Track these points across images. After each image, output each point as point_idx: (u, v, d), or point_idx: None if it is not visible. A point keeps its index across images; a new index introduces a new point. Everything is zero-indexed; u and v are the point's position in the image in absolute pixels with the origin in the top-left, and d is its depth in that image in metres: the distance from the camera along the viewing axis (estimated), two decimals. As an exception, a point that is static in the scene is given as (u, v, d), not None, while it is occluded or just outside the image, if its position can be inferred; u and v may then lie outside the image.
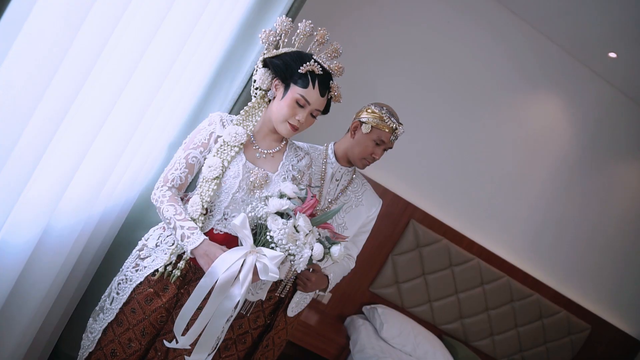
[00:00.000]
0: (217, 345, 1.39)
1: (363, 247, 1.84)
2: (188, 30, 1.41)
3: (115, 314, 1.37)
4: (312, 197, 1.33)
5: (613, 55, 3.20)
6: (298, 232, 1.25)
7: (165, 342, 1.31)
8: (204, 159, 1.39)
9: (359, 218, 1.75)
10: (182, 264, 1.35)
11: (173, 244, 1.38)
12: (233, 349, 1.62)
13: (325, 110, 1.47)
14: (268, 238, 1.24)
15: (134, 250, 1.45)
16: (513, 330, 3.59)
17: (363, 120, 1.65)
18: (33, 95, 0.91)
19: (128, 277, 1.39)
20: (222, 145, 1.36)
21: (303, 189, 1.36)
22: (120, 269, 1.44)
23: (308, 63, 1.34)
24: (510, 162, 3.53)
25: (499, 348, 3.59)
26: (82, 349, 1.42)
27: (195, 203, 1.33)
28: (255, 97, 1.46)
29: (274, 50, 1.39)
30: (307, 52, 1.40)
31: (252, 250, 1.25)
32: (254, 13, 1.81)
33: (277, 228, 1.23)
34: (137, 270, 1.39)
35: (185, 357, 1.33)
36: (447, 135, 3.39)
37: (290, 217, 1.28)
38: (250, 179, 1.37)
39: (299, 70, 1.34)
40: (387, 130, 1.63)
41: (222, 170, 1.34)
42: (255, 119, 1.44)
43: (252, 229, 1.30)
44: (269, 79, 1.43)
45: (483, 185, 3.50)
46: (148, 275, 1.37)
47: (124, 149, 1.42)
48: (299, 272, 1.33)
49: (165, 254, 1.38)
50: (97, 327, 1.39)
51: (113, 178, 1.48)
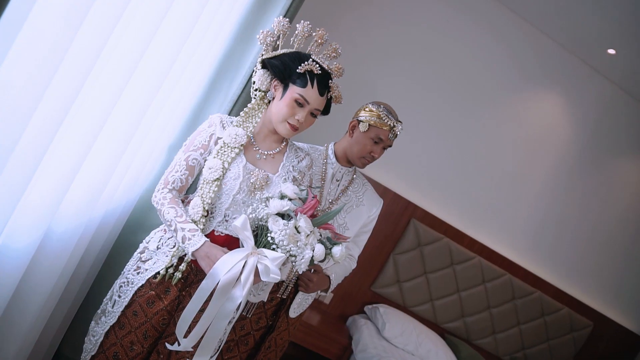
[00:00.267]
0: (219, 347, 1.38)
1: (364, 246, 1.84)
2: (187, 31, 1.41)
3: (117, 317, 1.37)
4: (312, 197, 1.33)
5: (612, 52, 3.20)
6: (299, 233, 1.25)
7: (168, 344, 1.31)
8: (205, 161, 1.38)
9: (360, 218, 1.74)
10: (183, 266, 1.35)
11: (174, 246, 1.38)
12: (235, 351, 1.62)
13: (326, 111, 1.47)
14: (269, 239, 1.24)
15: (135, 253, 1.44)
16: (515, 328, 3.59)
17: (361, 119, 1.65)
18: (32, 97, 0.91)
19: (129, 279, 1.39)
20: (222, 147, 1.36)
21: (304, 190, 1.36)
22: (122, 272, 1.43)
23: (306, 62, 1.34)
24: (511, 159, 3.52)
25: (501, 346, 3.59)
26: (84, 352, 1.42)
27: (196, 205, 1.33)
28: (255, 98, 1.46)
29: (273, 52, 1.39)
30: (306, 52, 1.40)
31: (253, 252, 1.25)
32: (253, 14, 1.81)
33: (278, 229, 1.23)
34: (138, 273, 1.38)
35: (188, 359, 1.33)
36: (447, 134, 3.39)
37: (291, 218, 1.28)
38: (251, 180, 1.37)
39: (298, 70, 1.34)
40: (384, 128, 1.62)
41: (222, 172, 1.34)
42: (255, 120, 1.44)
43: (253, 231, 1.30)
44: (268, 80, 1.43)
45: (484, 184, 3.50)
46: (149, 278, 1.37)
47: (124, 151, 1.42)
48: (301, 273, 1.33)
49: (167, 257, 1.37)
50: (99, 330, 1.39)
51: (113, 180, 1.48)
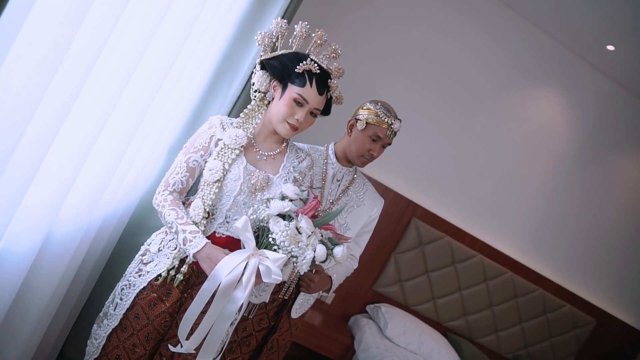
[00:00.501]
0: (222, 349, 1.38)
1: (365, 246, 1.84)
2: (186, 32, 1.41)
3: (119, 320, 1.37)
4: (313, 198, 1.33)
5: (611, 48, 3.19)
6: (300, 233, 1.24)
7: (170, 346, 1.31)
8: (205, 163, 1.38)
9: (361, 218, 1.74)
10: (185, 268, 1.34)
11: (175, 248, 1.38)
12: (238, 352, 1.62)
13: (327, 111, 1.47)
14: (270, 240, 1.24)
15: (137, 256, 1.44)
16: (517, 326, 3.59)
17: (358, 118, 1.65)
18: (31, 100, 0.91)
19: (131, 282, 1.39)
20: (222, 148, 1.36)
21: (304, 191, 1.35)
22: (124, 275, 1.43)
23: (304, 62, 1.34)
24: (511, 157, 3.52)
25: (504, 344, 3.58)
26: (87, 355, 1.42)
27: (197, 207, 1.33)
28: (255, 99, 1.46)
29: (271, 53, 1.39)
30: (305, 53, 1.40)
31: (254, 253, 1.25)
32: (251, 14, 1.81)
33: (279, 230, 1.23)
34: (140, 276, 1.38)
35: (190, 361, 1.33)
36: (446, 133, 3.39)
37: (292, 218, 1.28)
38: (252, 182, 1.36)
39: (296, 70, 1.34)
40: (382, 126, 1.62)
41: (223, 173, 1.34)
42: (255, 122, 1.44)
43: (254, 232, 1.29)
44: (267, 81, 1.43)
45: (484, 182, 3.49)
46: (151, 280, 1.37)
47: (124, 153, 1.42)
48: (302, 273, 1.32)
49: (168, 259, 1.37)
50: (101, 333, 1.39)
51: (114, 183, 1.48)
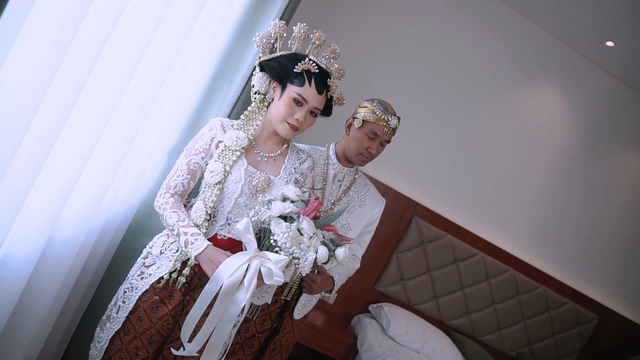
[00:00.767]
0: (225, 351, 1.38)
1: (367, 246, 1.84)
2: (185, 35, 1.41)
3: (122, 323, 1.37)
4: (315, 199, 1.32)
5: (610, 44, 3.19)
6: (302, 235, 1.24)
7: (173, 349, 1.31)
8: (206, 165, 1.38)
9: (363, 218, 1.74)
10: (187, 271, 1.34)
11: (177, 251, 1.38)
12: (240, 353, 1.62)
13: (328, 112, 1.47)
14: (272, 242, 1.24)
15: (139, 258, 1.44)
16: (520, 324, 3.58)
17: (356, 116, 1.65)
18: (31, 104, 0.91)
19: (133, 285, 1.39)
20: (223, 150, 1.36)
21: (306, 192, 1.35)
22: (126, 278, 1.43)
23: (303, 62, 1.34)
24: (511, 155, 3.52)
25: (507, 342, 3.58)
26: (90, 359, 1.42)
27: (199, 209, 1.33)
28: (255, 101, 1.46)
29: (270, 54, 1.39)
30: (304, 54, 1.40)
31: (256, 255, 1.24)
32: (249, 16, 1.81)
33: (280, 232, 1.22)
34: (142, 278, 1.38)
35: (193, 363, 1.33)
36: (446, 131, 3.38)
37: (294, 220, 1.28)
38: (253, 183, 1.36)
39: (295, 70, 1.34)
40: (379, 123, 1.61)
41: (224, 175, 1.34)
42: (256, 123, 1.44)
43: (256, 233, 1.29)
44: (267, 82, 1.43)
45: (485, 180, 3.49)
46: (153, 283, 1.37)
47: (124, 156, 1.42)
48: (304, 275, 1.32)
49: (170, 261, 1.37)
50: (104, 336, 1.39)
51: (114, 186, 1.48)
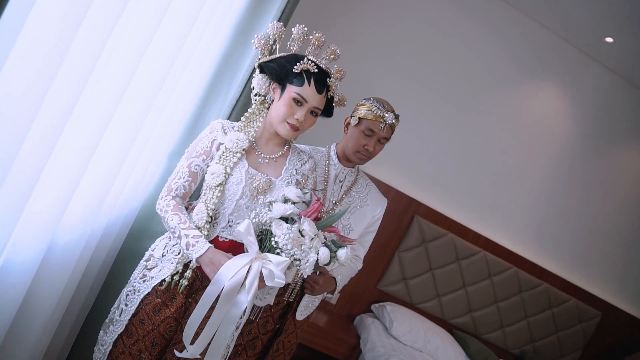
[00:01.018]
0: (227, 353, 1.38)
1: (369, 246, 1.83)
2: (183, 37, 1.41)
3: (125, 326, 1.37)
4: (316, 200, 1.32)
5: (610, 40, 3.18)
6: (303, 236, 1.24)
7: (176, 351, 1.31)
8: (207, 167, 1.38)
9: (365, 218, 1.74)
10: (188, 273, 1.34)
11: (179, 253, 1.38)
12: (243, 355, 1.62)
13: (329, 113, 1.47)
14: (273, 244, 1.23)
15: (141, 261, 1.45)
16: (523, 321, 3.58)
17: (353, 114, 1.66)
18: (30, 108, 0.91)
19: (136, 288, 1.39)
20: (224, 152, 1.36)
21: (307, 193, 1.35)
22: (129, 280, 1.44)
23: (302, 62, 1.34)
24: (512, 152, 3.51)
25: (510, 340, 3.58)
26: (93, 362, 1.42)
27: (201, 211, 1.33)
28: (255, 103, 1.46)
29: (269, 55, 1.39)
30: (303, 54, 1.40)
31: (257, 257, 1.24)
32: (247, 17, 1.81)
33: (281, 233, 1.22)
34: (144, 281, 1.39)
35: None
36: (446, 130, 3.38)
37: (295, 221, 1.27)
38: (254, 185, 1.36)
39: (294, 70, 1.34)
40: (373, 119, 1.62)
41: (224, 177, 1.34)
42: (257, 125, 1.43)
43: (257, 235, 1.29)
44: (267, 84, 1.43)
45: (485, 177, 3.49)
46: (155, 286, 1.37)
47: (125, 159, 1.42)
48: (306, 276, 1.32)
49: (172, 264, 1.37)
50: (107, 339, 1.39)
51: (115, 189, 1.48)
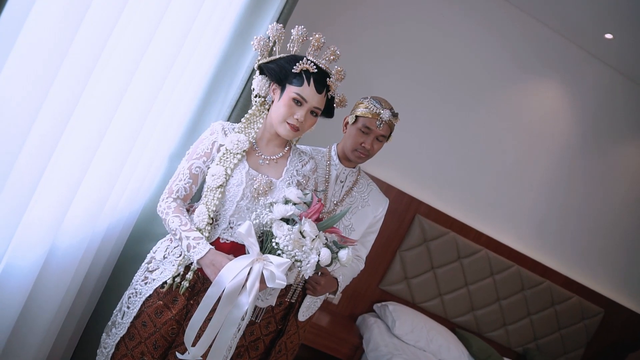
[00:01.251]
0: (229, 355, 1.38)
1: (371, 246, 1.83)
2: (182, 39, 1.41)
3: (127, 328, 1.37)
4: (317, 201, 1.32)
5: (609, 37, 3.18)
6: (304, 237, 1.24)
7: (178, 354, 1.31)
8: (208, 169, 1.38)
9: (366, 218, 1.74)
10: (190, 275, 1.35)
11: (180, 255, 1.38)
12: (246, 356, 1.62)
13: (329, 113, 1.47)
14: (274, 245, 1.23)
15: (143, 263, 1.45)
16: (526, 319, 3.58)
17: (351, 113, 1.67)
18: (30, 112, 0.91)
19: (138, 290, 1.39)
20: (224, 154, 1.36)
21: (308, 194, 1.35)
22: (131, 283, 1.44)
23: (301, 62, 1.34)
24: (512, 150, 3.51)
25: (513, 338, 3.58)
26: (96, 365, 1.42)
27: (202, 213, 1.33)
28: (255, 104, 1.46)
29: (269, 57, 1.40)
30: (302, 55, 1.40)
31: (258, 258, 1.24)
32: (246, 18, 1.81)
33: (282, 234, 1.22)
34: (146, 284, 1.39)
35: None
36: (446, 129, 3.38)
37: (296, 222, 1.27)
38: (254, 186, 1.36)
39: (293, 70, 1.34)
40: (370, 116, 1.62)
41: (225, 178, 1.34)
42: (257, 126, 1.44)
43: (258, 237, 1.29)
44: (267, 85, 1.43)
45: (486, 176, 3.49)
46: (157, 288, 1.37)
47: (125, 162, 1.42)
48: (307, 277, 1.32)
49: (173, 266, 1.37)
50: (110, 342, 1.39)
51: (115, 192, 1.48)
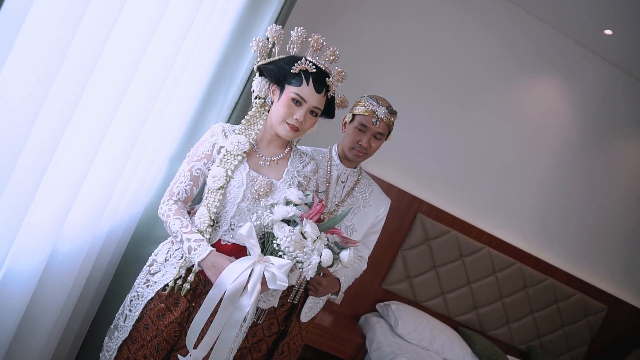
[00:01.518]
0: (231, 357, 1.38)
1: (373, 246, 1.83)
2: (180, 41, 1.40)
3: (129, 332, 1.37)
4: (318, 202, 1.32)
5: (609, 32, 3.17)
6: (305, 238, 1.23)
7: (180, 356, 1.30)
8: (208, 171, 1.38)
9: (368, 219, 1.73)
10: (191, 277, 1.34)
11: (182, 258, 1.38)
12: (248, 358, 1.62)
13: (330, 114, 1.47)
14: (275, 246, 1.23)
15: (145, 266, 1.45)
16: (529, 317, 3.57)
17: (349, 112, 1.67)
18: (29, 116, 0.91)
19: (139, 293, 1.39)
20: (225, 155, 1.36)
21: (309, 195, 1.35)
22: (133, 286, 1.44)
23: (299, 62, 1.34)
24: (512, 147, 3.51)
25: (516, 335, 3.57)
26: (99, 369, 1.42)
27: (203, 215, 1.33)
28: (255, 105, 1.46)
29: (268, 58, 1.39)
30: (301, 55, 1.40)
31: (259, 260, 1.24)
32: (245, 19, 1.81)
33: (283, 236, 1.22)
34: (147, 286, 1.38)
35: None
36: (447, 127, 3.37)
37: (297, 224, 1.27)
38: (255, 188, 1.36)
39: (292, 70, 1.34)
40: (366, 114, 1.62)
41: (226, 180, 1.34)
42: (257, 127, 1.43)
43: (259, 238, 1.29)
44: (266, 87, 1.43)
45: (487, 173, 3.48)
46: (159, 291, 1.37)
47: (125, 165, 1.42)
48: (309, 278, 1.32)
49: (175, 268, 1.37)
50: (112, 345, 1.39)
51: (116, 195, 1.48)
